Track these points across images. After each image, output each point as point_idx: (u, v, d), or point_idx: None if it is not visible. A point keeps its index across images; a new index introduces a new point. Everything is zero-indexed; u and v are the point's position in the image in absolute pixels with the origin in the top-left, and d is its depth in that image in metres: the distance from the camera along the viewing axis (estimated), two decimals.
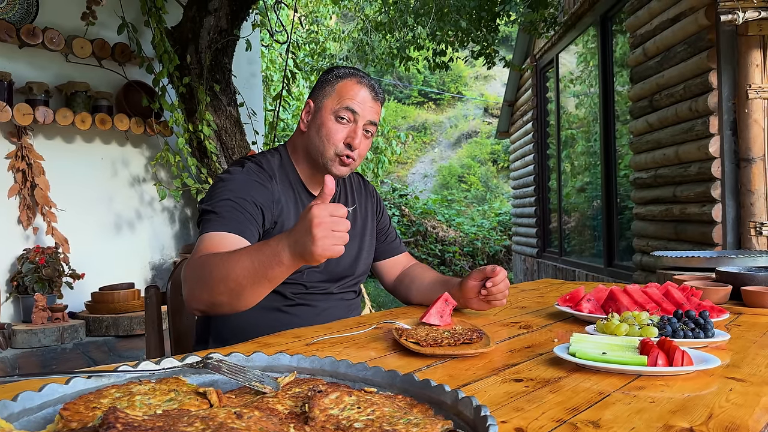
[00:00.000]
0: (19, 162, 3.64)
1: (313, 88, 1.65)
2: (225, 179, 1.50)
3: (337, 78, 1.58)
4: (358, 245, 1.72)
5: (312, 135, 1.57)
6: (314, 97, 1.60)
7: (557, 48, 7.03)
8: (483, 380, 0.97)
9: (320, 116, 1.56)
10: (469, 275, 1.56)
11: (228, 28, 4.15)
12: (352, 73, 1.59)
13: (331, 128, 1.54)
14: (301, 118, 1.61)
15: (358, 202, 1.77)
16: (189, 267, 1.32)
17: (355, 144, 1.54)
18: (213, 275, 1.24)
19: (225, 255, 1.26)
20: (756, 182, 3.51)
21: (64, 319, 3.51)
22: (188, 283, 1.31)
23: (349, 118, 1.54)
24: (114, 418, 0.56)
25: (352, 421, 0.65)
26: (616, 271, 5.41)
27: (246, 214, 1.43)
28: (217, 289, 1.24)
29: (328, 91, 1.57)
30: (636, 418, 0.78)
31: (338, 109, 1.54)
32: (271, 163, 1.59)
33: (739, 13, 3.29)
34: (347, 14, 11.18)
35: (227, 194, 1.45)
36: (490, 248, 12.00)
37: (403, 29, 6.75)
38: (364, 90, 1.57)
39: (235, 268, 1.21)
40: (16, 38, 3.55)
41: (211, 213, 1.43)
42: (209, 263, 1.27)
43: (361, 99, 1.55)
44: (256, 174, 1.52)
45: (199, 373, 0.84)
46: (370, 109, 1.57)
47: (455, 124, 17.73)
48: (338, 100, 1.55)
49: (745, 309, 1.59)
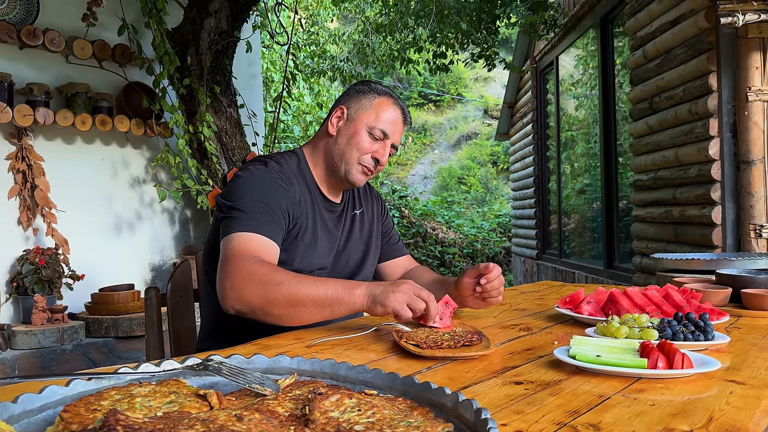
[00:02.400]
0: (19, 163, 3.64)
1: (345, 94, 1.68)
2: (248, 177, 1.50)
3: (376, 94, 1.63)
4: (364, 247, 1.75)
5: (341, 140, 1.60)
6: (348, 105, 1.63)
7: (557, 50, 7.04)
8: (483, 383, 0.97)
9: (354, 126, 1.60)
10: (463, 273, 1.57)
11: (228, 30, 4.15)
12: (390, 94, 1.66)
13: (363, 139, 1.59)
14: (331, 121, 1.63)
15: (364, 205, 1.81)
16: (244, 268, 1.32)
17: (383, 161, 1.61)
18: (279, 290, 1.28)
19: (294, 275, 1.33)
20: (756, 185, 3.51)
21: (64, 320, 3.51)
22: (242, 284, 1.31)
23: (380, 137, 1.60)
24: (114, 420, 0.56)
25: (353, 423, 0.65)
26: (616, 273, 5.41)
27: (275, 216, 1.45)
28: (276, 302, 1.29)
29: (365, 104, 1.62)
30: (636, 421, 0.78)
31: (374, 127, 1.59)
32: (290, 164, 1.62)
33: (739, 16, 3.29)
34: (347, 16, 11.19)
35: (255, 194, 1.46)
36: (489, 250, 12.00)
37: (404, 31, 6.76)
38: (399, 114, 1.64)
39: (307, 290, 1.29)
40: (17, 39, 3.55)
41: (239, 211, 1.43)
42: (274, 278, 1.30)
43: (394, 121, 1.62)
44: (278, 174, 1.53)
45: (200, 375, 0.84)
46: (399, 132, 1.65)
47: (455, 125, 17.74)
48: (375, 118, 1.60)
49: (745, 311, 1.59)
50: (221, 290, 1.34)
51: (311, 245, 1.57)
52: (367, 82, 1.69)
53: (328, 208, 1.66)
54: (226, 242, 1.40)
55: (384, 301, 1.25)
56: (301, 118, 9.41)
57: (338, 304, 1.29)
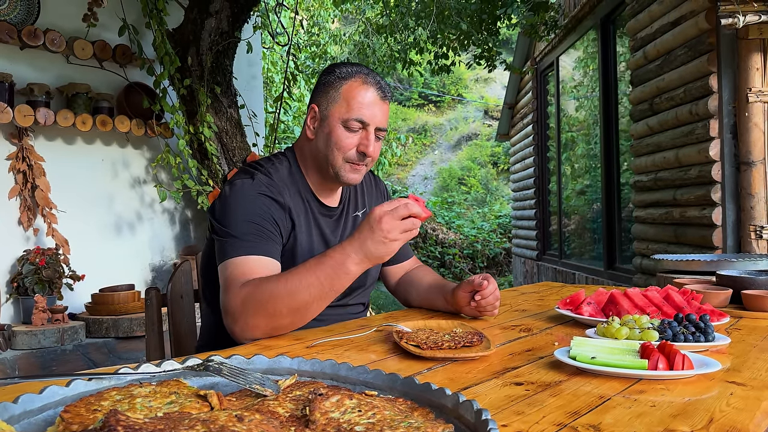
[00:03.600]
0: (19, 163, 3.64)
1: (314, 89, 1.55)
2: (236, 194, 1.43)
3: (341, 79, 1.48)
4: None
5: (320, 143, 1.49)
6: (318, 101, 1.51)
7: (557, 51, 7.04)
8: (483, 383, 0.97)
9: (328, 124, 1.48)
10: (459, 285, 1.53)
11: (229, 30, 4.15)
12: (356, 72, 1.49)
13: (341, 136, 1.46)
14: (307, 124, 1.52)
15: (368, 203, 1.71)
16: (236, 298, 1.28)
17: (369, 152, 1.47)
18: (274, 302, 1.24)
19: (280, 278, 1.27)
20: (756, 185, 3.51)
21: (64, 321, 3.51)
22: (242, 315, 1.27)
23: (358, 127, 1.46)
24: (115, 420, 0.56)
25: (353, 424, 0.65)
26: (617, 274, 5.41)
27: (267, 233, 1.39)
28: (280, 314, 1.25)
29: (333, 95, 1.48)
30: (637, 422, 0.78)
31: (347, 119, 1.45)
32: (280, 171, 1.52)
33: (740, 17, 3.29)
34: (348, 17, 11.19)
35: (245, 214, 1.39)
36: (490, 251, 12.00)
37: (405, 32, 6.76)
38: (372, 91, 1.47)
39: (299, 288, 1.24)
40: (18, 39, 3.55)
41: (231, 236, 1.37)
42: (265, 291, 1.25)
43: (369, 104, 1.46)
44: (267, 188, 1.44)
45: (200, 375, 0.84)
46: (380, 113, 1.48)
47: (455, 126, 17.74)
48: (346, 108, 1.45)
49: (745, 312, 1.59)
50: (228, 326, 1.32)
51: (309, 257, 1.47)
52: (331, 67, 1.52)
53: (324, 213, 1.57)
54: (223, 270, 1.36)
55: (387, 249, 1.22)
56: (301, 119, 9.41)
57: (338, 283, 1.25)
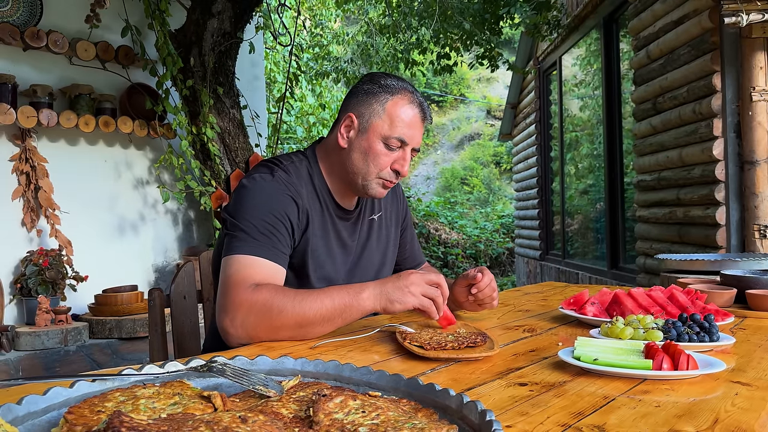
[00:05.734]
0: (22, 164, 3.64)
1: (351, 96, 1.50)
2: (253, 189, 1.40)
3: (386, 93, 1.45)
4: (381, 257, 1.66)
5: (355, 155, 1.46)
6: (359, 113, 1.46)
7: (560, 50, 7.03)
8: (487, 384, 0.97)
9: (367, 138, 1.44)
10: (455, 282, 1.52)
11: (231, 31, 4.16)
12: (403, 88, 1.46)
13: (380, 153, 1.44)
14: (340, 132, 1.47)
15: (383, 207, 1.68)
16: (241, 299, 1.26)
17: (404, 171, 1.46)
18: (283, 318, 1.24)
19: (294, 293, 1.26)
20: (760, 185, 3.50)
21: (68, 322, 3.52)
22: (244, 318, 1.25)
23: (398, 146, 1.45)
24: (119, 422, 0.56)
25: (357, 425, 0.65)
26: (620, 274, 5.40)
27: (280, 236, 1.37)
28: (283, 327, 1.25)
29: (377, 109, 1.44)
30: (641, 423, 0.78)
31: (389, 137, 1.43)
32: (300, 170, 1.48)
33: (743, 16, 3.29)
34: (351, 17, 11.19)
35: (260, 210, 1.37)
36: (492, 251, 11.99)
37: (407, 32, 6.76)
38: (416, 113, 1.46)
39: (311, 305, 1.24)
40: (20, 41, 3.56)
41: (242, 231, 1.35)
42: (275, 302, 1.24)
43: (412, 124, 1.44)
44: (285, 185, 1.41)
45: (204, 376, 0.84)
46: (419, 134, 1.47)
47: (458, 126, 17.73)
48: (390, 126, 1.43)
49: (749, 312, 1.59)
50: (221, 325, 1.28)
51: (324, 259, 1.48)
52: (375, 78, 1.49)
53: (341, 216, 1.54)
54: (226, 264, 1.33)
55: (402, 299, 1.23)
56: (304, 119, 9.42)
57: (348, 312, 1.26)
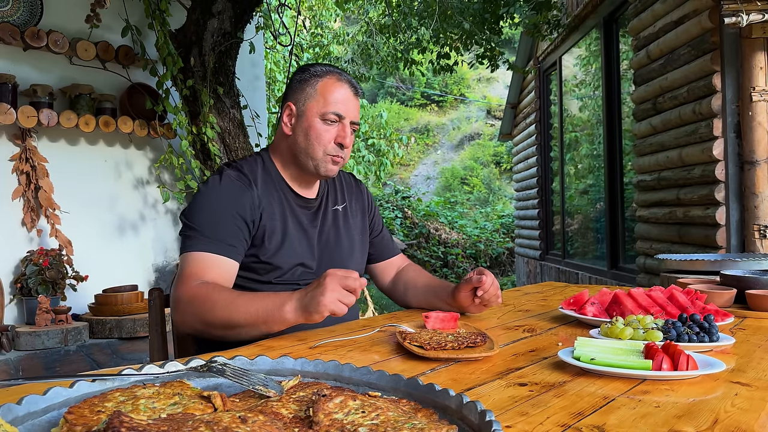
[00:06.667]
0: (23, 164, 3.64)
1: (288, 88, 1.64)
2: (204, 192, 1.52)
3: (316, 77, 1.59)
4: (350, 243, 1.72)
5: (300, 138, 1.58)
6: (294, 99, 1.60)
7: (560, 50, 7.03)
8: (487, 384, 0.97)
9: (306, 119, 1.57)
10: (457, 288, 1.58)
11: (232, 31, 4.15)
12: (330, 71, 1.60)
13: (320, 130, 1.56)
14: (284, 121, 1.61)
15: (348, 199, 1.78)
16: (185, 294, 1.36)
17: (346, 143, 1.58)
18: (214, 314, 1.30)
19: (228, 295, 1.32)
20: (760, 185, 3.50)
21: (68, 321, 3.52)
22: (180, 310, 1.36)
23: (335, 119, 1.57)
24: (119, 422, 0.56)
25: (357, 425, 0.65)
26: (620, 274, 5.40)
27: (230, 229, 1.46)
28: (213, 326, 1.32)
29: (310, 93, 1.58)
30: (641, 423, 0.78)
31: (325, 113, 1.56)
32: (253, 167, 1.60)
33: (743, 16, 3.29)
34: (351, 17, 11.20)
35: (209, 210, 1.48)
36: (492, 250, 11.99)
37: (407, 32, 6.76)
38: (346, 88, 1.59)
39: (238, 311, 1.28)
40: (21, 41, 3.56)
41: (193, 230, 1.46)
42: (209, 300, 1.31)
43: (344, 99, 1.58)
44: (235, 181, 1.53)
45: (203, 376, 0.84)
46: (354, 107, 1.60)
47: (458, 126, 17.74)
48: (323, 103, 1.56)
49: (749, 312, 1.59)
50: (171, 313, 1.39)
51: (283, 244, 1.55)
52: (305, 67, 1.64)
53: (301, 205, 1.64)
54: (180, 262, 1.45)
55: (317, 308, 1.20)
56: None
57: (271, 322, 1.28)
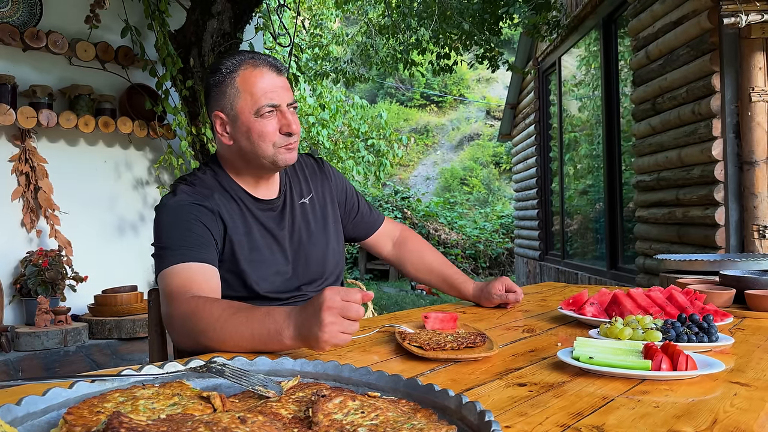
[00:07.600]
0: (22, 165, 3.64)
1: (207, 97, 1.53)
2: (163, 210, 1.44)
3: (231, 73, 1.45)
4: (324, 236, 1.63)
5: (243, 143, 1.46)
6: (221, 106, 1.48)
7: (560, 51, 7.03)
8: (486, 384, 0.97)
9: (241, 123, 1.45)
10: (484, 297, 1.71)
11: (231, 32, 4.15)
12: (242, 60, 1.46)
13: (260, 127, 1.44)
14: (219, 133, 1.49)
15: (314, 188, 1.68)
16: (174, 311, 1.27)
17: (293, 129, 1.46)
18: (208, 336, 1.20)
19: (219, 315, 1.19)
20: (759, 185, 3.51)
21: (67, 322, 3.52)
22: (177, 330, 1.27)
23: (271, 110, 1.44)
24: (118, 422, 0.57)
25: (356, 425, 0.65)
26: (619, 274, 5.40)
27: (199, 238, 1.39)
28: (210, 344, 1.20)
29: (232, 93, 1.45)
30: (640, 423, 0.78)
31: (258, 109, 1.43)
32: (204, 179, 1.51)
33: (742, 16, 3.29)
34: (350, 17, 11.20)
35: (172, 225, 1.40)
36: (492, 251, 11.99)
37: (407, 32, 6.76)
38: (267, 73, 1.45)
39: (233, 334, 1.17)
40: (20, 41, 3.56)
41: (162, 248, 1.38)
42: (203, 318, 1.20)
43: (271, 86, 1.44)
44: (190, 195, 1.44)
45: (203, 377, 0.84)
46: (284, 89, 1.47)
47: (457, 126, 17.74)
48: (252, 99, 1.43)
49: (748, 312, 1.59)
50: (168, 334, 1.33)
51: (252, 255, 1.48)
52: (215, 68, 1.49)
53: (263, 209, 1.54)
54: (160, 282, 1.35)
55: (318, 344, 1.07)
56: (303, 120, 9.42)
57: (271, 348, 1.15)
